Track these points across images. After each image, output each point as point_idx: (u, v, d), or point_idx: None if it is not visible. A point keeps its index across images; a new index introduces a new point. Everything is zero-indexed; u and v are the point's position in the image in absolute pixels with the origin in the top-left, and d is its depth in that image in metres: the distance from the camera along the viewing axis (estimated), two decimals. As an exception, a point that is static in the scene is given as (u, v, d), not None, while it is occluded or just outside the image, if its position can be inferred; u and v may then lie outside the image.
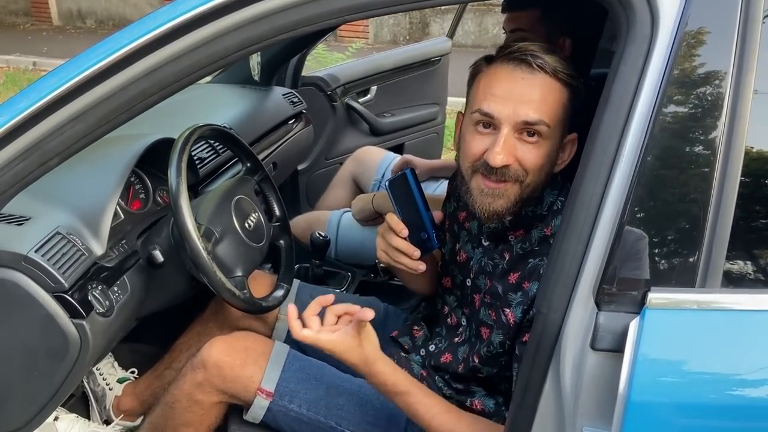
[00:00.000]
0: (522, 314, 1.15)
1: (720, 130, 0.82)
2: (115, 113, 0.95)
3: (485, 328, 1.23)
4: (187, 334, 1.66)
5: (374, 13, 0.94)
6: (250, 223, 1.40)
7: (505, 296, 1.17)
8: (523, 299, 1.15)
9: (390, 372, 1.09)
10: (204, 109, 2.02)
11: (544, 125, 1.04)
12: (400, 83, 2.95)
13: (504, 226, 1.18)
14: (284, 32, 0.93)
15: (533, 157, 1.06)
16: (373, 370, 1.08)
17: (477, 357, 1.24)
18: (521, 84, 1.05)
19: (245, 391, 1.28)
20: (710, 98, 0.83)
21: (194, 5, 0.89)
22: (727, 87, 0.82)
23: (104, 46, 0.90)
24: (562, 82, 1.06)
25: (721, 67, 0.82)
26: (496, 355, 1.21)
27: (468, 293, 1.29)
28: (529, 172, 1.07)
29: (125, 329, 1.37)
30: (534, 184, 1.09)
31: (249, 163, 1.54)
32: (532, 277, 1.14)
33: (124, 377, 1.68)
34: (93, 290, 1.16)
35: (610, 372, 0.83)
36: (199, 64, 0.94)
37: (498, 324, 1.19)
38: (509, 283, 1.18)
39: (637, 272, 0.84)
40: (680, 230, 0.84)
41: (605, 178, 0.86)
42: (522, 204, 1.11)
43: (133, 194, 1.49)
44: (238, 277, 1.32)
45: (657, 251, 0.84)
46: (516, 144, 1.06)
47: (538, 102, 1.04)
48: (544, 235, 1.15)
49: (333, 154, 2.76)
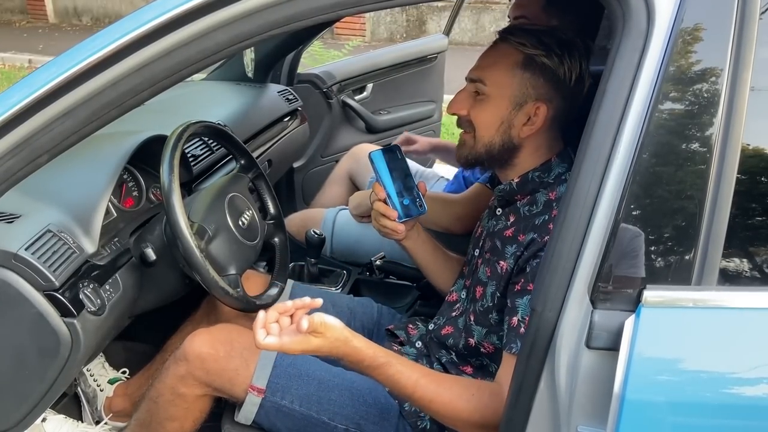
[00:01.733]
0: (514, 261, 1.17)
1: (716, 126, 0.81)
2: (106, 109, 0.93)
3: (480, 287, 1.25)
4: (179, 333, 1.64)
5: (368, 8, 0.93)
6: (244, 220, 1.39)
7: (503, 249, 1.21)
8: (517, 249, 1.18)
9: (365, 346, 1.09)
10: (198, 106, 2.01)
11: (482, 83, 1.20)
12: (397, 80, 2.94)
13: (512, 189, 1.25)
14: (276, 27, 0.92)
15: (477, 111, 1.21)
16: (348, 350, 1.07)
17: (473, 316, 1.26)
18: (485, 52, 1.23)
19: (230, 384, 1.27)
20: (706, 94, 0.82)
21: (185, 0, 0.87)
22: (723, 83, 0.81)
23: (94, 41, 0.89)
24: (515, 49, 1.17)
25: (718, 63, 0.81)
26: (487, 310, 1.22)
27: (473, 262, 1.33)
28: (475, 125, 1.21)
29: (117, 328, 1.36)
30: (485, 140, 1.21)
31: (243, 161, 1.53)
32: (527, 229, 1.19)
33: (115, 378, 1.66)
34: (84, 289, 1.15)
35: (606, 370, 0.82)
36: (191, 59, 0.92)
37: (492, 277, 1.22)
38: (506, 236, 1.22)
39: (632, 270, 0.84)
40: (676, 227, 0.83)
41: (600, 175, 0.85)
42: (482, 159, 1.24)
43: (126, 192, 1.48)
44: (232, 275, 1.31)
45: (653, 249, 0.83)
46: (468, 98, 1.22)
47: (489, 65, 1.21)
48: (548, 199, 1.20)
49: (329, 152, 2.75)
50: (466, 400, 1.09)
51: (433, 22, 8.67)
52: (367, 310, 1.58)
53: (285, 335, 1.04)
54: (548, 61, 1.16)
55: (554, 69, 1.16)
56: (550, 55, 1.16)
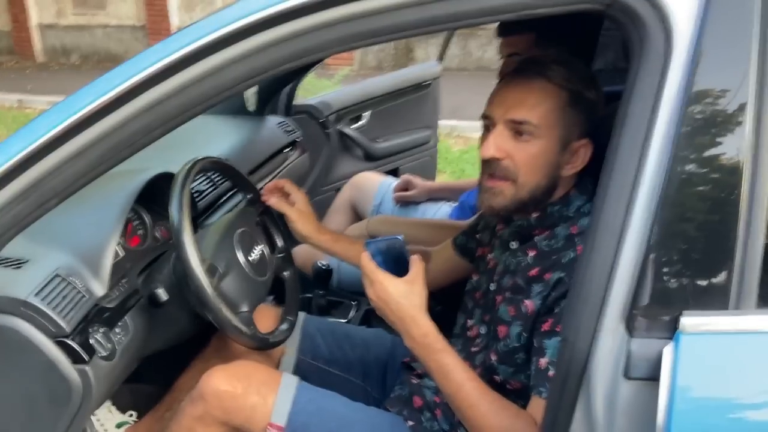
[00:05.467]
0: (541, 301, 1.12)
1: (745, 145, 0.80)
2: (117, 149, 0.91)
3: (503, 326, 1.20)
4: (188, 372, 1.60)
5: (382, 39, 0.92)
6: (254, 256, 1.37)
7: (528, 288, 1.16)
8: (543, 289, 1.13)
9: (432, 326, 1.09)
10: (199, 141, 1.99)
11: (530, 125, 1.10)
12: (393, 108, 2.94)
13: (530, 224, 1.19)
14: (292, 60, 0.91)
15: (524, 155, 1.12)
16: (419, 320, 1.08)
17: (494, 354, 1.21)
18: (517, 88, 1.13)
19: (248, 422, 1.23)
20: (733, 113, 0.81)
21: (199, 35, 0.86)
22: (749, 100, 0.80)
23: (107, 80, 0.87)
24: (559, 86, 1.11)
25: (742, 82, 0.81)
26: (513, 350, 1.17)
27: (491, 297, 1.26)
28: (520, 169, 1.12)
29: (127, 371, 1.32)
30: (531, 185, 1.13)
31: (250, 195, 1.51)
32: (554, 268, 1.13)
33: (123, 421, 1.61)
34: (94, 333, 1.12)
35: (646, 401, 0.80)
36: (204, 96, 0.91)
37: (517, 316, 1.16)
38: (531, 276, 1.16)
39: (667, 295, 0.82)
40: (710, 250, 0.82)
41: (627, 200, 0.84)
42: (524, 205, 1.15)
43: (132, 230, 1.45)
44: (244, 312, 1.28)
45: (687, 273, 0.81)
46: (508, 141, 1.12)
47: (531, 104, 1.11)
48: (570, 234, 1.15)
49: (328, 181, 2.74)
50: (501, 419, 1.06)
51: (420, 50, 8.75)
52: (381, 342, 1.55)
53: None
54: (591, 96, 1.12)
55: (596, 103, 1.13)
56: (590, 89, 1.12)
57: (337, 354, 1.51)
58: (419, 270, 1.11)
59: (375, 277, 1.10)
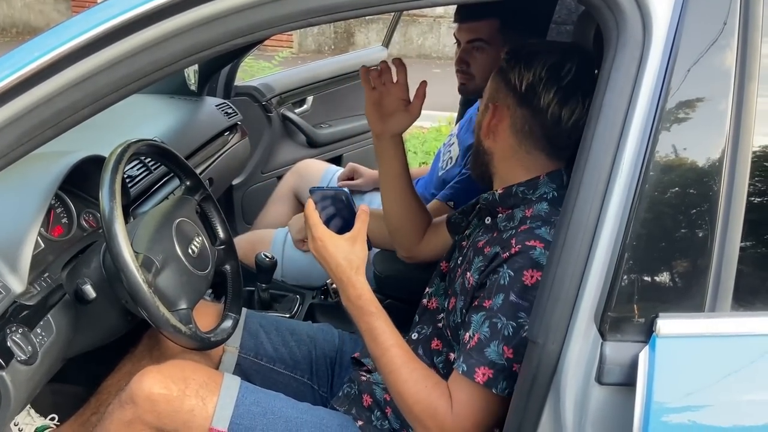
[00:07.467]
0: (478, 275, 1.12)
1: (725, 139, 0.77)
2: (40, 129, 0.81)
3: (453, 298, 1.20)
4: (116, 373, 1.48)
5: (342, 16, 0.85)
6: (194, 248, 1.27)
7: (472, 261, 1.16)
8: (482, 262, 1.13)
9: (368, 288, 1.09)
10: (131, 122, 1.85)
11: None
12: (337, 93, 2.87)
13: (494, 200, 1.20)
14: (239, 36, 0.82)
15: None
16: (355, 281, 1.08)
17: (448, 330, 1.20)
18: None
19: (186, 427, 1.15)
20: (713, 106, 0.78)
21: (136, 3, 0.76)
22: (730, 93, 0.77)
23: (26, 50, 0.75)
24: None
25: (723, 72, 0.77)
26: (457, 326, 1.16)
27: (455, 269, 1.25)
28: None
29: (50, 374, 1.20)
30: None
31: (189, 182, 1.39)
32: (494, 242, 1.14)
33: (44, 426, 1.48)
34: (12, 335, 1.01)
35: (620, 407, 0.76)
36: (140, 72, 0.81)
37: (462, 290, 1.16)
38: (478, 248, 1.17)
39: (642, 297, 0.78)
40: (686, 250, 0.78)
41: (602, 195, 0.80)
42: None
43: (55, 219, 1.31)
44: (183, 310, 1.18)
45: (663, 274, 0.78)
46: None
47: None
48: (524, 216, 1.15)
49: (269, 168, 2.64)
50: (419, 388, 1.05)
51: (361, 35, 8.65)
52: (328, 338, 1.48)
53: None
54: (505, 65, 1.16)
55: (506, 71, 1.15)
56: (510, 61, 1.15)
57: (282, 351, 1.43)
58: (362, 227, 1.11)
59: (316, 233, 1.09)
